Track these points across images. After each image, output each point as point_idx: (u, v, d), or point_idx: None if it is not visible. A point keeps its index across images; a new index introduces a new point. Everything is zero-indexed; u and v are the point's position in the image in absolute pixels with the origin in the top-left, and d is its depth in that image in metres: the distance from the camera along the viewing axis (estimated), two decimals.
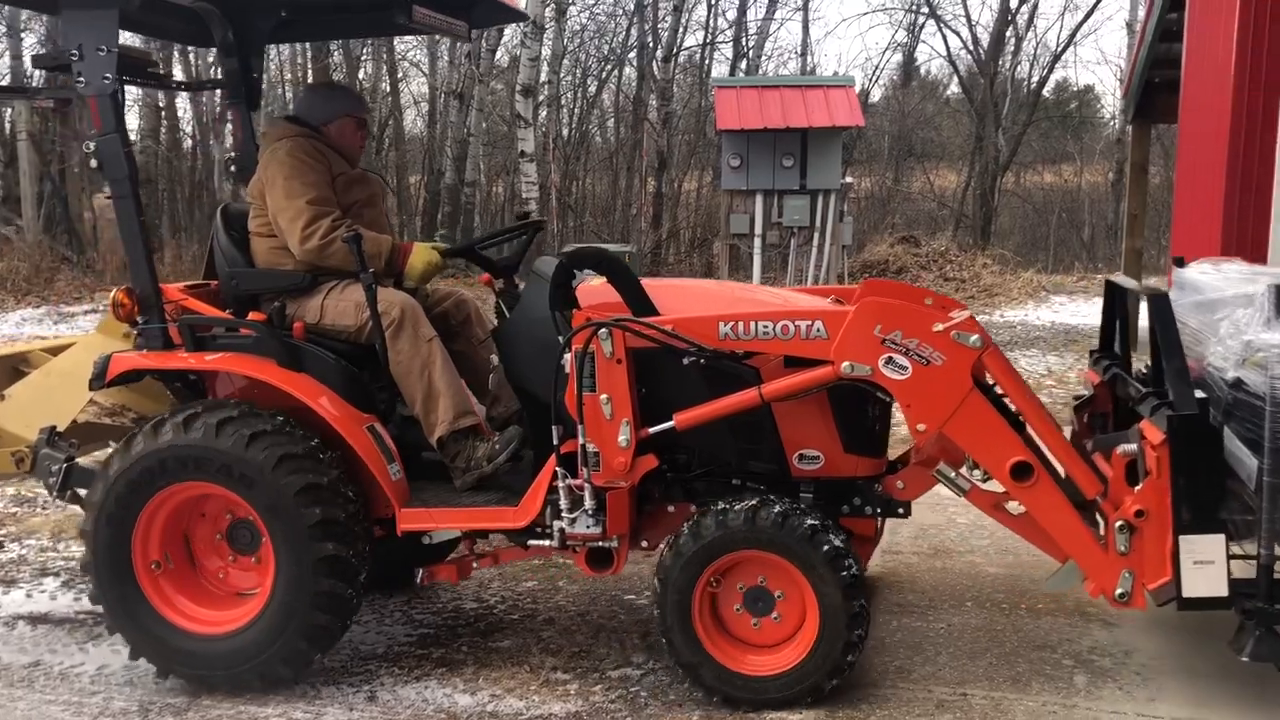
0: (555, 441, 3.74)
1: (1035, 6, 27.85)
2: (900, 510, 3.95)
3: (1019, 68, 24.88)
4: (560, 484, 3.73)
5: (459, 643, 4.29)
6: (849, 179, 21.00)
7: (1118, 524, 3.43)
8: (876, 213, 23.21)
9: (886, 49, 36.42)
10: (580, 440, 3.68)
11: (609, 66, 24.67)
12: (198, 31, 4.61)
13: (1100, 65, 39.15)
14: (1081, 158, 25.71)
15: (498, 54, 20.70)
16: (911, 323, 3.53)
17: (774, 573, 3.66)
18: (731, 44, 25.09)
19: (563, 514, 3.74)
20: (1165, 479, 3.32)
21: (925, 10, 25.44)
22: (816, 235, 15.61)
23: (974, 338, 3.50)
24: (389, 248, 4.20)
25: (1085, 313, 13.33)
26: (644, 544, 4.00)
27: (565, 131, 23.99)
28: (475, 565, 4.20)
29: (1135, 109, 12.71)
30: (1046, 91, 25.90)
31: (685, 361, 3.69)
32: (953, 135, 27.07)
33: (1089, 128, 27.54)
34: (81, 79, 3.84)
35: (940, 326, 3.51)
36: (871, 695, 3.69)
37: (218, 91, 5.67)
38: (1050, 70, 25.12)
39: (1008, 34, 24.19)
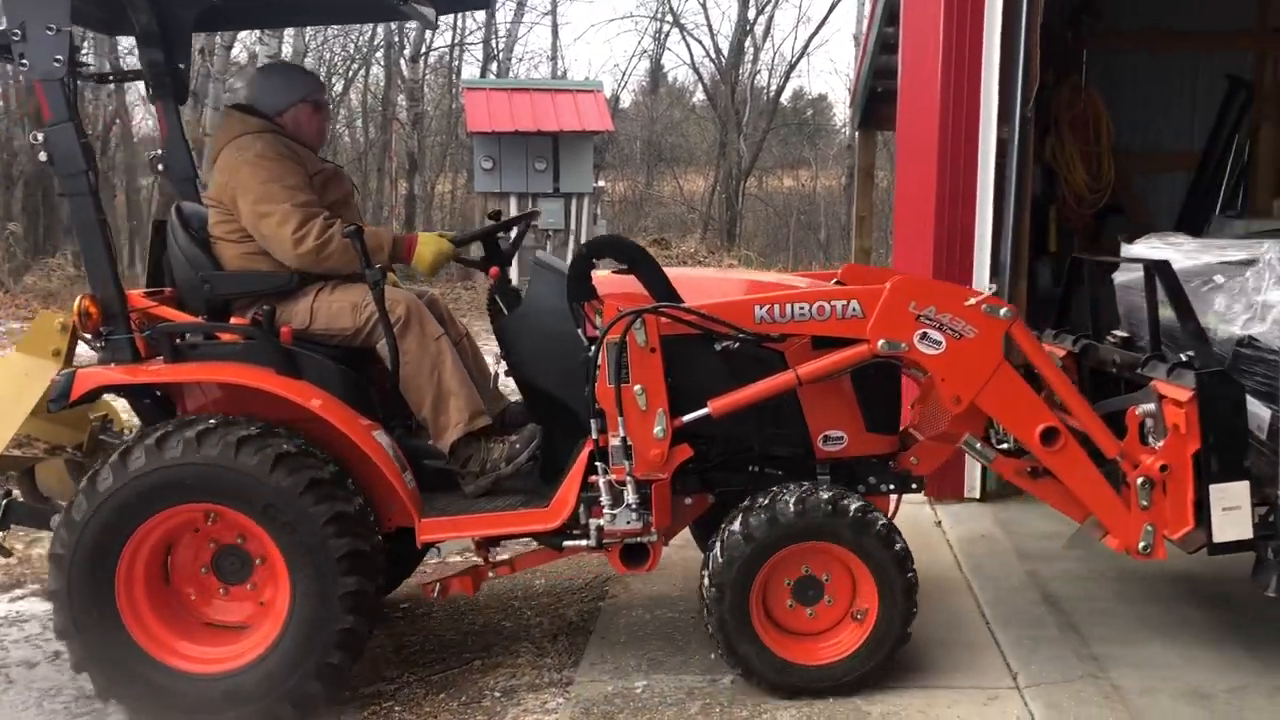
0: (594, 435, 3.59)
1: (771, 18, 29.23)
2: (914, 485, 4.00)
3: (758, 76, 26.11)
4: (601, 479, 3.58)
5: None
6: (601, 183, 21.40)
7: (1139, 480, 3.60)
8: (630, 216, 23.71)
9: (633, 56, 37.20)
10: (620, 433, 3.55)
11: (354, 65, 23.99)
12: (114, 18, 4.12)
13: (832, 75, 41.55)
14: (817, 163, 27.15)
15: (234, 50, 19.70)
16: (945, 298, 3.60)
17: (821, 559, 3.65)
18: (481, 46, 24.96)
19: (604, 510, 3.59)
20: (1194, 433, 3.50)
21: (669, 19, 26.24)
22: (571, 238, 15.77)
23: (1004, 310, 3.61)
24: (390, 241, 3.90)
25: None
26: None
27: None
28: (492, 574, 3.97)
29: (861, 117, 13.52)
30: (784, 100, 27.27)
31: (718, 347, 3.64)
32: (699, 141, 27.99)
33: (823, 134, 29.14)
34: (25, 62, 3.42)
35: (972, 301, 3.60)
36: (624, 690, 3.71)
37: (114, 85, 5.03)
38: (786, 79, 26.51)
39: (746, 44, 25.33)
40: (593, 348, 3.59)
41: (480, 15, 23.66)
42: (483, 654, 4.12)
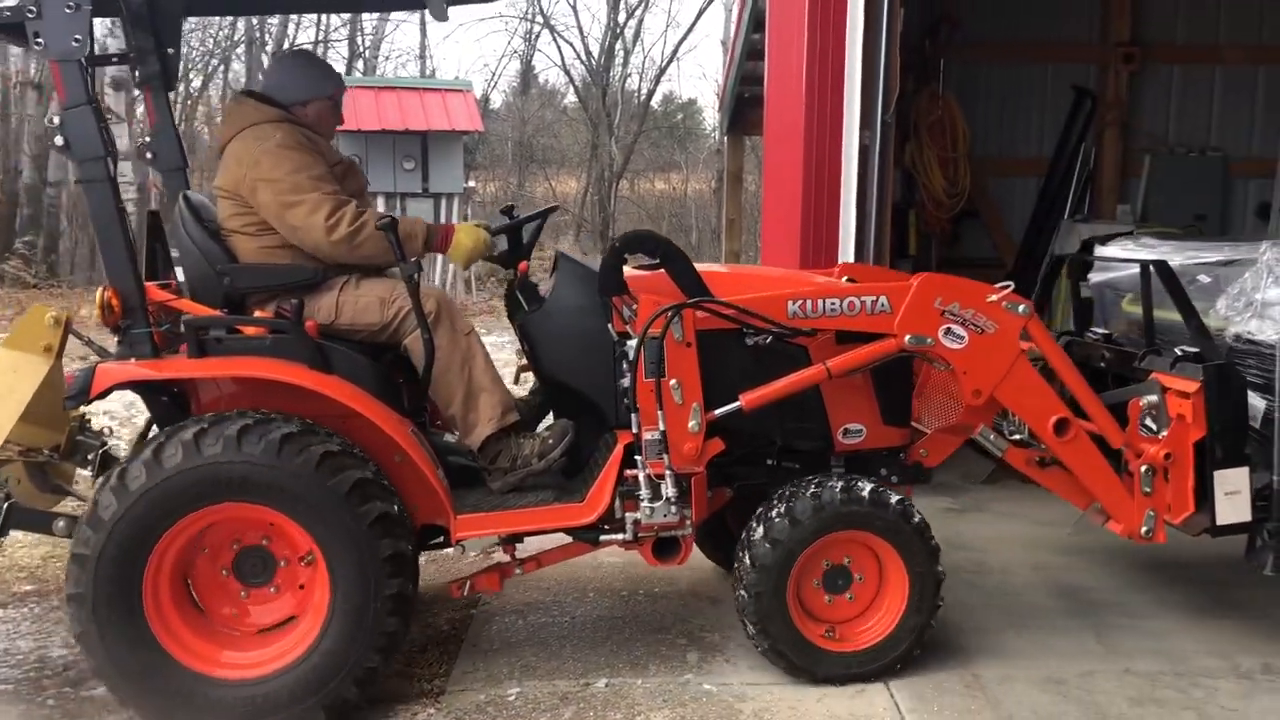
0: (634, 430, 3.60)
1: (641, 22, 29.42)
2: (923, 477, 4.06)
3: (629, 80, 26.22)
4: (641, 473, 3.58)
5: (44, 695, 3.81)
6: (472, 183, 21.19)
7: (1143, 468, 3.79)
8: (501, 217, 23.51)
9: (504, 56, 36.96)
10: (661, 427, 3.56)
11: (214, 60, 23.18)
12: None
13: (701, 80, 42.04)
14: (688, 166, 27.40)
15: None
16: (967, 295, 3.72)
17: (852, 549, 3.76)
18: (347, 43, 24.43)
19: (642, 504, 3.58)
20: (1199, 422, 3.70)
21: (539, 20, 26.15)
22: None
23: (1021, 307, 3.75)
24: (424, 231, 3.80)
25: None
26: None
27: None
28: (519, 570, 3.91)
29: (730, 122, 13.74)
30: (655, 103, 27.43)
31: (750, 342, 3.72)
32: (571, 143, 27.94)
33: (693, 138, 29.42)
34: (41, 41, 3.25)
35: (993, 298, 3.73)
36: (497, 698, 3.67)
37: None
38: (656, 83, 26.65)
39: (617, 47, 25.41)
40: (628, 342, 3.62)
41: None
42: None
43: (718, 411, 3.67)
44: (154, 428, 3.87)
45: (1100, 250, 4.86)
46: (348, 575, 3.39)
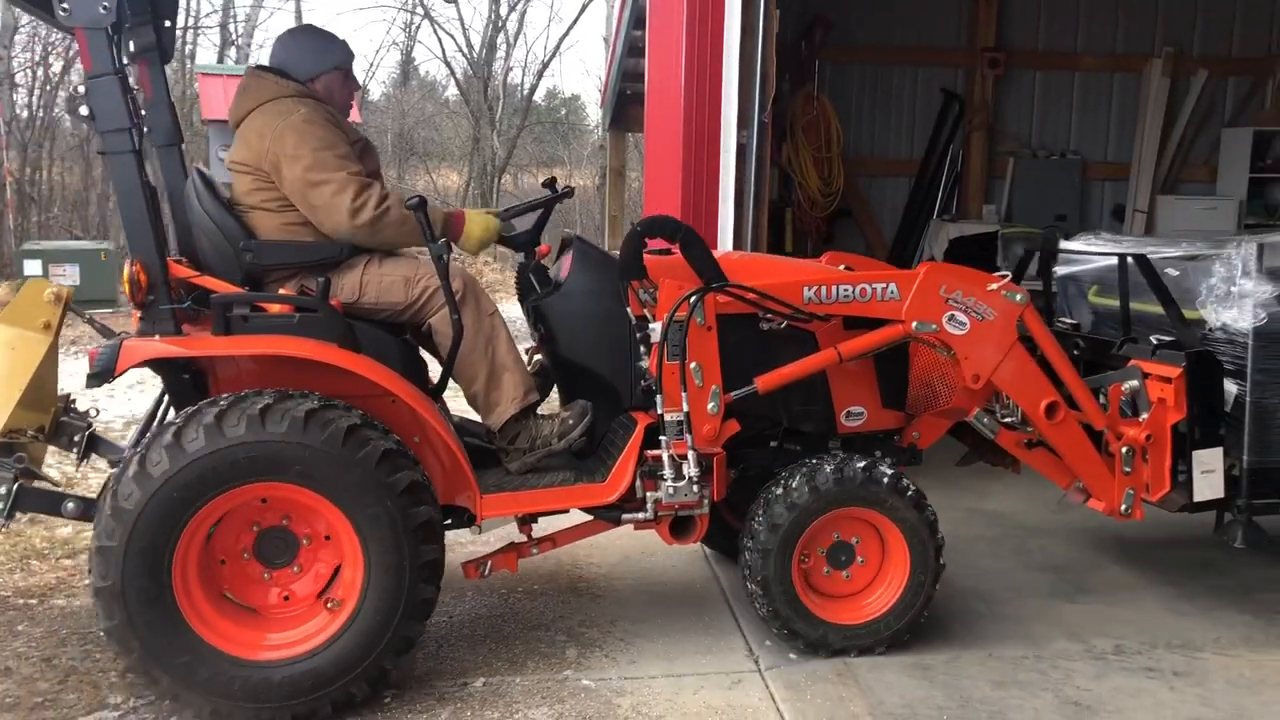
0: (660, 411, 3.69)
1: (524, 15, 29.21)
2: (916, 459, 4.16)
3: (511, 74, 26.03)
4: (665, 454, 3.65)
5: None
6: None
7: (1124, 449, 4.00)
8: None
9: (383, 47, 36.29)
10: (685, 408, 3.66)
11: (74, 45, 22.14)
12: None
13: (585, 76, 42.00)
14: (571, 162, 27.37)
15: None
16: (970, 284, 3.89)
17: (852, 525, 3.89)
18: (218, 30, 23.65)
19: (665, 483, 3.66)
20: (1180, 406, 3.93)
21: (420, 11, 25.75)
22: None
23: (1019, 296, 3.92)
24: (442, 218, 3.76)
25: None
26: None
27: (25, 114, 21.16)
28: (535, 550, 3.95)
29: (612, 118, 13.78)
30: (538, 98, 27.32)
31: (765, 327, 3.86)
32: (453, 136, 27.62)
33: (577, 134, 29.39)
34: (66, 7, 3.19)
35: (993, 286, 3.88)
36: (372, 702, 3.59)
37: None
38: (539, 78, 26.60)
39: (499, 40, 25.20)
40: (651, 325, 3.70)
41: None
42: None
43: (734, 394, 3.79)
44: (158, 410, 3.94)
45: (1066, 244, 5.14)
46: (381, 546, 3.38)
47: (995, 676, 3.83)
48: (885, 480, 3.82)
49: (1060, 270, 5.09)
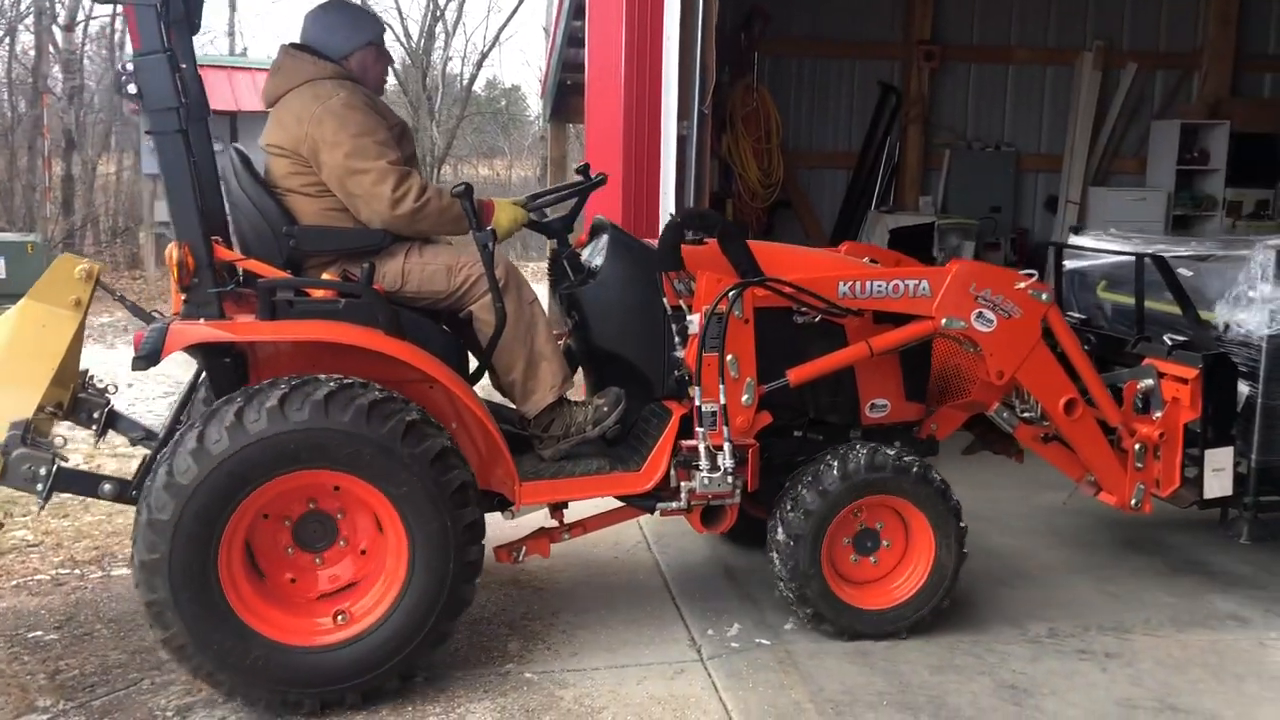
0: (698, 402, 3.72)
1: (462, 4, 29.00)
2: (933, 450, 4.23)
3: (450, 63, 25.81)
4: (701, 444, 3.69)
5: None
6: None
7: (1137, 445, 4.10)
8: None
9: None
10: (721, 400, 3.70)
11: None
12: None
13: (525, 66, 41.74)
14: (512, 153, 27.25)
15: None
16: (998, 281, 3.96)
17: (876, 512, 3.95)
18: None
19: (700, 473, 3.70)
20: (1196, 405, 4.04)
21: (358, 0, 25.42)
22: None
23: (1044, 295, 4.01)
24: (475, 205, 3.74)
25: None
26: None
27: None
28: (566, 535, 4.02)
29: (552, 109, 13.73)
30: (478, 88, 27.12)
31: (799, 320, 3.91)
32: None
33: (517, 124, 29.24)
34: None
35: (1021, 285, 3.96)
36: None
37: None
38: (479, 68, 26.37)
39: (437, 29, 24.97)
40: (689, 316, 3.74)
41: None
42: (153, 672, 3.82)
43: (768, 386, 3.83)
44: (192, 392, 3.91)
45: (1075, 240, 5.25)
46: (429, 542, 3.39)
47: (933, 661, 3.88)
48: (915, 469, 3.89)
49: (1068, 265, 5.19)
